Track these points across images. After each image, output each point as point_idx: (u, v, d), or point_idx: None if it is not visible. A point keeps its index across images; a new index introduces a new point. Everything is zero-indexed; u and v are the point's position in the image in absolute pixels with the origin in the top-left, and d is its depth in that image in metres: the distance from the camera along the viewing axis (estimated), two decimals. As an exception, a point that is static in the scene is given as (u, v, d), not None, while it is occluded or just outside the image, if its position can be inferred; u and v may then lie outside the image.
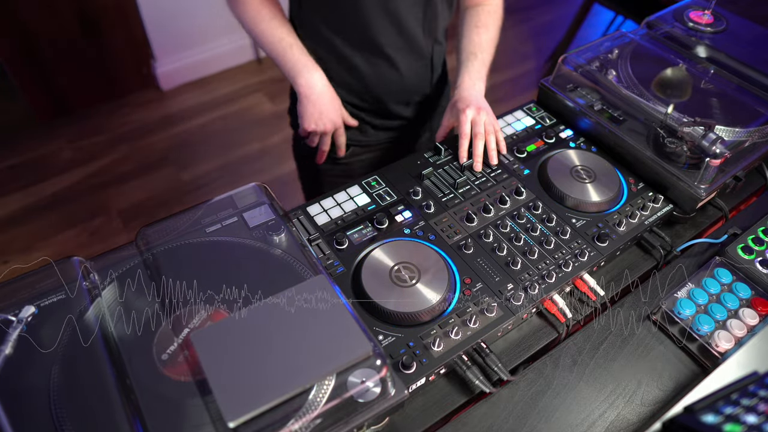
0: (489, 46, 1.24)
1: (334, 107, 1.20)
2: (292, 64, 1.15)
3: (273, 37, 1.15)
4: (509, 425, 0.78)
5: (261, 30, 1.16)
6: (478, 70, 1.19)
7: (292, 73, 1.15)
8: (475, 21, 1.26)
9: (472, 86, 1.16)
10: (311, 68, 1.16)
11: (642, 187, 1.06)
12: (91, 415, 0.64)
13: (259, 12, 1.15)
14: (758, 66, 1.20)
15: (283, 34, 1.16)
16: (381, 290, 0.84)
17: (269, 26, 1.15)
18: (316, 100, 1.16)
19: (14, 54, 2.45)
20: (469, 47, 1.23)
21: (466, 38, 1.25)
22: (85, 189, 2.48)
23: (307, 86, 1.15)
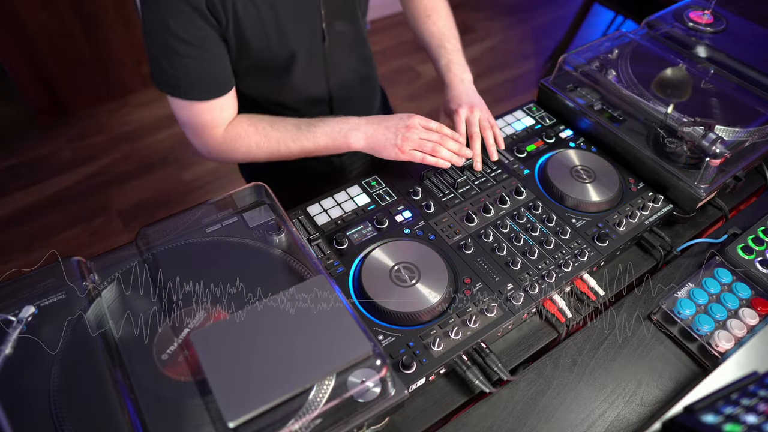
0: (449, 29, 1.22)
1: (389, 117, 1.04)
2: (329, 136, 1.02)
3: (291, 133, 1.03)
4: (509, 425, 0.78)
5: (276, 139, 1.04)
6: (457, 61, 1.17)
7: (338, 143, 1.03)
8: (422, 11, 1.23)
9: (460, 81, 1.14)
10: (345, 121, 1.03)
11: (642, 187, 1.06)
12: (91, 415, 0.64)
13: (257, 129, 1.04)
14: (758, 66, 1.20)
15: (295, 122, 1.05)
16: (381, 290, 0.84)
17: (278, 130, 1.04)
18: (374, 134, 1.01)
19: (14, 54, 2.45)
20: (433, 41, 1.20)
21: (425, 33, 1.22)
22: (85, 189, 2.48)
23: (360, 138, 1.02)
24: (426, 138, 1.00)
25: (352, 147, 1.03)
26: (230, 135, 1.04)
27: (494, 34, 3.46)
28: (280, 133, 1.04)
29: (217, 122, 1.02)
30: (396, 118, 1.02)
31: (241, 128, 1.04)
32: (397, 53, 3.15)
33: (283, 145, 1.04)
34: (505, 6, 3.71)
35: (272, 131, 1.04)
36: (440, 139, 1.01)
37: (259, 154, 1.06)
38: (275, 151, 1.05)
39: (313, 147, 1.04)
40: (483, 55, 3.28)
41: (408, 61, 3.15)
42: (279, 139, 1.04)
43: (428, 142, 1.00)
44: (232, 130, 1.04)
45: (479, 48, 3.33)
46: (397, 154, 1.00)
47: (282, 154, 1.05)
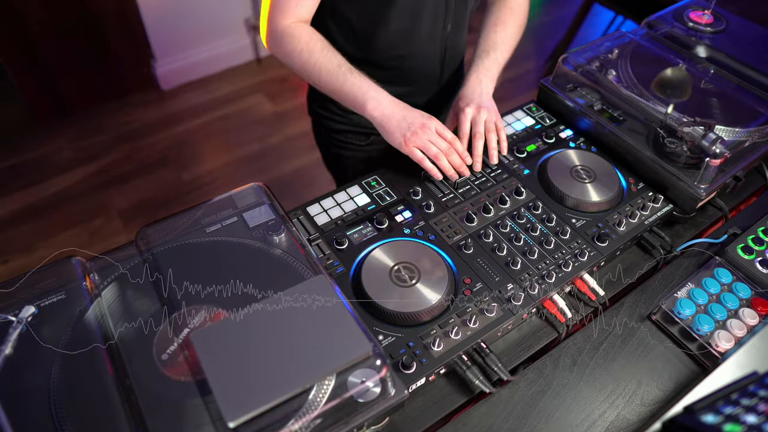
0: (506, 44, 1.22)
1: (414, 110, 1.05)
2: (357, 89, 1.05)
3: (330, 65, 1.06)
4: (509, 425, 0.78)
5: (315, 61, 1.06)
6: (488, 67, 1.17)
7: (358, 99, 1.05)
8: (494, 19, 1.25)
9: (477, 83, 1.14)
10: (376, 89, 1.05)
11: (642, 187, 1.06)
12: (91, 415, 0.64)
13: (309, 42, 1.07)
14: (758, 66, 1.20)
15: (340, 60, 1.07)
16: (381, 290, 0.84)
17: (323, 55, 1.07)
18: (391, 115, 1.03)
19: (14, 54, 2.45)
20: (483, 45, 1.21)
21: (483, 36, 1.24)
22: (85, 189, 2.48)
23: (376, 109, 1.03)
24: (434, 143, 1.01)
25: (365, 111, 1.05)
26: (289, 31, 1.07)
27: (494, 34, 3.45)
28: (322, 59, 1.06)
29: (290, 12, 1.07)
30: (417, 114, 1.03)
31: (299, 31, 1.07)
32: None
33: (316, 70, 1.07)
34: (505, 6, 3.70)
35: (318, 53, 1.07)
36: (447, 150, 1.02)
37: (295, 64, 1.09)
38: (308, 71, 1.08)
39: (338, 89, 1.06)
40: (483, 55, 3.28)
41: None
42: (317, 62, 1.07)
43: (434, 147, 1.01)
44: (293, 29, 1.07)
45: (479, 48, 3.32)
46: (401, 144, 1.01)
47: (312, 78, 1.09)
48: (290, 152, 2.67)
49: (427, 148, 1.00)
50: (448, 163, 1.02)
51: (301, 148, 2.67)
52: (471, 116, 1.07)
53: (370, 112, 1.03)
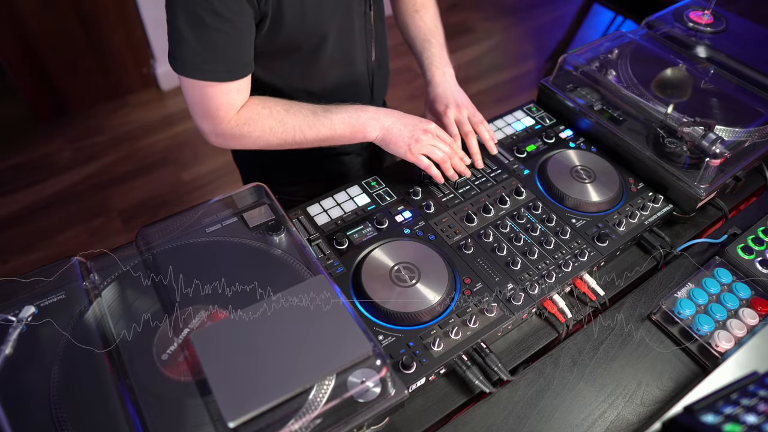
0: (436, 25, 1.22)
1: (411, 116, 1.03)
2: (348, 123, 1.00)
3: (307, 119, 1.00)
4: (509, 425, 0.78)
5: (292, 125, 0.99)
6: (440, 55, 1.17)
7: (356, 132, 1.01)
8: (410, 6, 1.23)
9: (442, 75, 1.14)
10: (363, 110, 1.02)
11: (642, 187, 1.06)
12: (91, 415, 0.64)
13: (271, 114, 0.99)
14: (758, 66, 1.20)
15: (311, 108, 1.01)
16: (381, 290, 0.84)
17: (294, 115, 1.00)
18: (391, 127, 1.00)
19: (14, 54, 2.45)
20: (419, 34, 1.20)
21: (412, 27, 1.22)
22: (85, 189, 2.48)
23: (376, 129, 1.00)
24: (438, 147, 1.01)
25: (368, 137, 1.01)
26: (243, 118, 0.98)
27: (494, 34, 3.46)
28: (297, 119, 0.99)
29: (232, 105, 0.96)
30: (415, 119, 1.03)
31: (254, 111, 0.99)
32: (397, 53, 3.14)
33: (299, 132, 1.00)
34: (505, 6, 3.71)
35: (288, 116, 0.99)
36: (450, 153, 1.02)
37: (272, 140, 1.00)
38: (290, 138, 1.00)
39: (330, 134, 1.01)
40: (483, 55, 3.28)
41: (408, 62, 3.14)
42: (295, 125, 0.99)
43: (439, 151, 1.01)
44: (245, 113, 0.98)
45: (479, 48, 3.33)
46: (406, 152, 1.00)
47: (297, 141, 1.01)
48: (290, 152, 2.66)
49: (432, 154, 1.00)
50: (452, 167, 1.03)
51: (301, 148, 2.67)
52: (454, 117, 1.08)
53: (371, 135, 1.01)
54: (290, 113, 1.00)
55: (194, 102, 0.96)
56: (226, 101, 0.95)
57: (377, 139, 1.02)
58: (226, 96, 0.95)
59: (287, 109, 1.00)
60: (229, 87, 0.94)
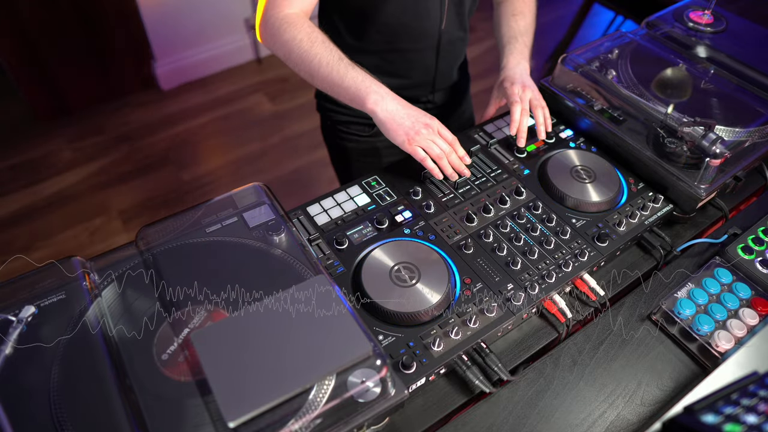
0: (528, 30, 1.28)
1: (416, 109, 1.04)
2: (358, 83, 1.02)
3: (331, 57, 1.03)
4: (509, 425, 0.78)
5: (316, 51, 1.03)
6: (521, 51, 1.23)
7: (359, 93, 1.02)
8: (511, 10, 1.30)
9: (516, 65, 1.19)
10: (378, 85, 1.03)
11: (642, 187, 1.06)
12: (91, 415, 0.64)
13: (311, 33, 1.05)
14: (758, 66, 1.20)
15: (341, 54, 1.05)
16: (381, 290, 0.84)
17: (324, 47, 1.04)
18: (394, 112, 1.01)
19: (14, 54, 2.45)
20: (509, 33, 1.26)
21: (505, 26, 1.28)
22: (85, 189, 2.48)
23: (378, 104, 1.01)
24: (437, 143, 1.01)
25: (366, 107, 1.02)
26: (288, 18, 1.05)
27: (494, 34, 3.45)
28: (323, 51, 1.04)
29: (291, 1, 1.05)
30: (420, 112, 1.03)
31: (300, 21, 1.05)
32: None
33: (316, 62, 1.03)
34: (505, 6, 3.70)
35: (318, 45, 1.04)
36: (448, 150, 1.02)
37: (293, 53, 1.05)
38: (306, 62, 1.04)
39: (337, 83, 1.03)
40: (483, 55, 3.28)
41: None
42: (318, 54, 1.03)
43: (436, 147, 1.01)
44: (293, 18, 1.06)
45: (479, 48, 3.33)
46: (403, 142, 1.00)
47: (311, 69, 1.05)
48: (290, 152, 2.66)
49: (430, 148, 1.00)
50: (449, 165, 1.02)
51: (301, 148, 2.67)
52: (518, 92, 1.12)
53: (372, 107, 1.01)
54: (323, 45, 1.05)
55: None
56: None
57: (376, 116, 1.02)
58: None
59: (323, 41, 1.05)
60: None
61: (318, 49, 1.04)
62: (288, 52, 1.06)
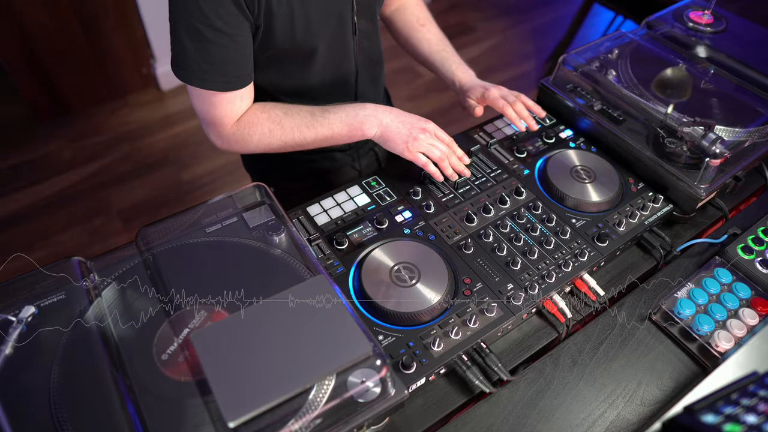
0: (443, 37, 1.28)
1: (409, 114, 1.04)
2: (346, 122, 1.01)
3: (305, 120, 1.02)
4: (509, 425, 0.78)
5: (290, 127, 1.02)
6: (460, 62, 1.23)
7: (354, 130, 1.02)
8: (414, 21, 1.27)
9: (471, 77, 1.20)
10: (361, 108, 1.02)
11: (642, 187, 1.06)
12: (91, 415, 0.64)
13: (270, 118, 1.02)
14: (758, 66, 1.20)
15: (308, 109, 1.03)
16: (381, 290, 0.84)
17: (293, 118, 1.02)
18: (389, 124, 1.01)
19: (14, 54, 2.45)
20: (432, 47, 1.25)
21: (422, 41, 1.26)
22: (85, 189, 2.48)
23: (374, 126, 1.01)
24: (436, 146, 1.01)
25: (366, 134, 1.02)
26: (243, 123, 1.02)
27: (494, 34, 3.45)
28: (295, 120, 1.02)
29: (235, 112, 1.01)
30: (414, 117, 1.03)
31: (254, 116, 1.03)
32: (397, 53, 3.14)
33: (297, 133, 1.02)
34: (505, 6, 3.71)
35: (286, 118, 1.02)
36: (448, 152, 1.02)
37: (272, 143, 1.04)
38: (289, 139, 1.03)
39: (329, 134, 1.02)
40: (483, 55, 3.28)
41: (408, 61, 3.14)
42: (293, 127, 1.02)
43: (437, 150, 1.01)
44: (246, 118, 1.03)
45: (479, 48, 3.33)
46: (403, 150, 1.00)
47: (296, 142, 1.04)
48: (290, 152, 2.66)
49: (430, 152, 1.01)
50: (450, 166, 1.03)
51: (301, 148, 2.67)
52: (499, 94, 1.13)
53: (369, 132, 1.02)
54: (288, 115, 1.03)
55: (199, 109, 1.02)
56: (230, 109, 1.00)
57: (375, 137, 1.03)
58: (230, 104, 0.99)
59: (285, 112, 1.03)
60: (231, 96, 0.98)
61: (289, 123, 1.02)
62: (268, 146, 1.04)
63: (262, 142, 1.03)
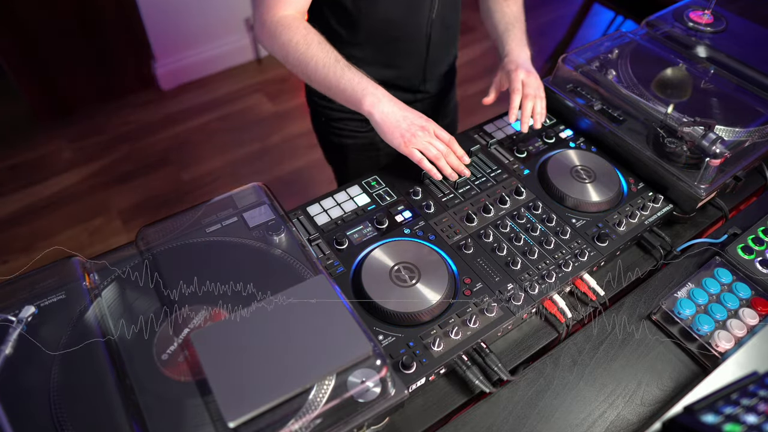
0: (521, 16, 1.30)
1: (412, 111, 1.04)
2: (354, 84, 1.03)
3: (327, 59, 1.04)
4: (509, 425, 0.78)
5: (312, 53, 1.04)
6: (520, 38, 1.24)
7: (355, 94, 1.03)
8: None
9: (520, 52, 1.20)
10: (374, 86, 1.03)
11: (642, 187, 1.06)
12: (91, 415, 0.64)
13: (307, 35, 1.05)
14: (758, 66, 1.20)
15: (337, 56, 1.05)
16: (381, 290, 0.84)
17: (321, 49, 1.04)
18: (390, 114, 1.01)
19: (14, 54, 2.45)
20: (504, 19, 1.27)
21: (498, 12, 1.29)
22: (85, 189, 2.48)
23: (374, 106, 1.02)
24: (433, 145, 1.01)
25: (363, 109, 1.02)
26: (284, 21, 1.05)
27: (494, 34, 3.45)
28: (319, 53, 1.04)
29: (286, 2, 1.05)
30: (416, 114, 1.03)
31: (295, 24, 1.05)
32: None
33: (312, 63, 1.04)
34: (505, 6, 3.70)
35: (315, 46, 1.04)
36: (445, 152, 1.02)
37: (290, 56, 1.06)
38: (303, 64, 1.05)
39: (334, 85, 1.04)
40: (483, 55, 3.28)
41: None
42: (314, 56, 1.04)
43: (433, 148, 1.01)
44: (288, 20, 1.06)
45: (479, 48, 3.32)
46: (400, 144, 1.00)
47: (307, 72, 1.06)
48: (290, 152, 2.67)
49: (426, 150, 1.00)
50: (447, 165, 1.02)
51: (301, 148, 2.67)
52: (522, 78, 1.12)
53: (368, 109, 1.01)
54: (319, 46, 1.05)
55: None
56: None
57: (372, 118, 1.02)
58: None
59: (319, 42, 1.05)
60: None
61: (314, 51, 1.04)
62: (285, 54, 1.06)
63: (283, 49, 1.06)
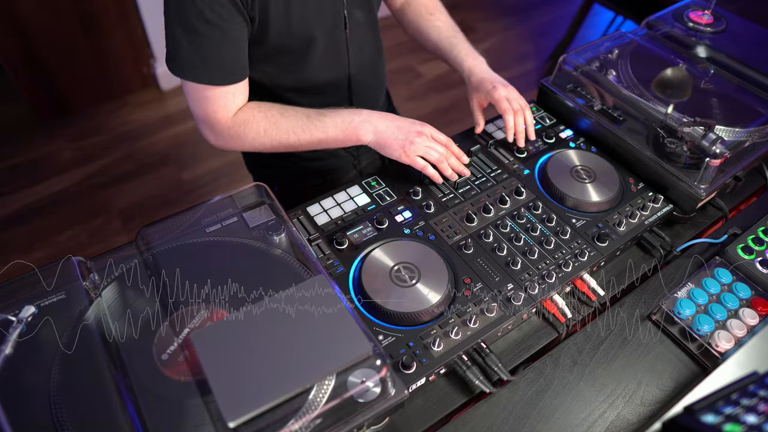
0: (454, 25, 1.27)
1: (404, 119, 1.04)
2: (341, 127, 1.01)
3: (300, 122, 1.01)
4: (509, 425, 0.78)
5: (285, 128, 1.02)
6: (469, 48, 1.21)
7: (349, 135, 1.02)
8: (423, 10, 1.26)
9: (481, 66, 1.18)
10: (357, 113, 1.02)
11: (642, 187, 1.06)
12: (91, 415, 0.64)
13: (266, 117, 1.02)
14: (758, 66, 1.20)
15: (304, 111, 1.03)
16: (381, 290, 0.84)
17: (288, 118, 1.02)
18: (385, 130, 1.01)
19: (14, 54, 2.45)
20: (442, 34, 1.23)
21: (433, 29, 1.25)
22: (85, 189, 2.48)
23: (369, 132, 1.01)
24: (433, 149, 1.01)
25: (361, 140, 1.02)
26: (239, 121, 1.01)
27: (494, 34, 3.45)
28: (290, 122, 1.02)
29: (229, 108, 1.00)
30: (409, 122, 1.03)
31: (250, 114, 1.02)
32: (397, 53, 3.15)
33: (292, 134, 1.02)
34: (505, 6, 3.71)
35: (282, 119, 1.02)
36: (446, 154, 1.02)
37: (266, 142, 1.03)
38: (284, 140, 1.03)
39: (323, 137, 1.02)
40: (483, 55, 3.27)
41: (408, 61, 3.14)
42: (288, 128, 1.02)
43: (434, 152, 1.01)
44: (241, 115, 1.02)
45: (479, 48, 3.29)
46: (401, 155, 1.00)
47: (290, 143, 1.03)
48: (290, 152, 2.66)
49: (428, 155, 1.01)
50: (449, 167, 1.03)
51: (301, 148, 2.67)
52: (505, 95, 1.11)
53: (364, 138, 1.02)
54: (285, 116, 1.03)
55: (193, 105, 1.01)
56: (224, 104, 0.99)
57: (371, 143, 1.03)
58: (224, 99, 0.98)
59: (282, 113, 1.03)
60: (225, 90, 0.97)
61: (284, 125, 1.02)
62: (260, 145, 1.04)
63: (256, 141, 1.03)
